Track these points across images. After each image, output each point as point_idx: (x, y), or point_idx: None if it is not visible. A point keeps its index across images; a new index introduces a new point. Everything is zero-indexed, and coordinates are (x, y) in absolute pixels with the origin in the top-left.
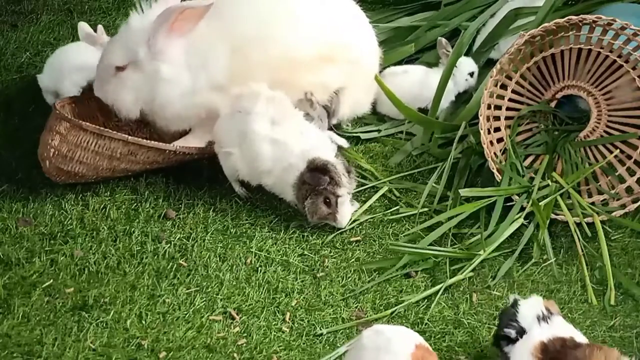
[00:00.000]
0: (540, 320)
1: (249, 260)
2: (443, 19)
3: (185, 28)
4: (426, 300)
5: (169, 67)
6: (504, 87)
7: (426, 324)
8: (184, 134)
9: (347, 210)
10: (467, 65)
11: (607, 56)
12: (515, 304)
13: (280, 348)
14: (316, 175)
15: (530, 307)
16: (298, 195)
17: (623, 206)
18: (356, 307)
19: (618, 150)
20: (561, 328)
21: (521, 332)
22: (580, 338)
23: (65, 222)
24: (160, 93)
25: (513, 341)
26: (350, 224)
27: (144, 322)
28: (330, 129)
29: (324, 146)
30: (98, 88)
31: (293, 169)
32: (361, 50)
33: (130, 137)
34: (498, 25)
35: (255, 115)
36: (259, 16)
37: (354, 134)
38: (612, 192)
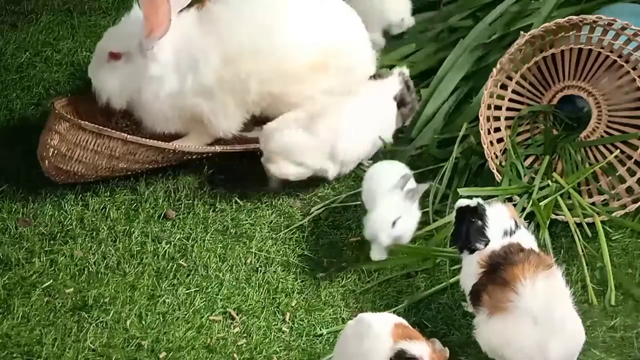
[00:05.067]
0: (505, 235)
1: (249, 261)
2: (443, 19)
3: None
4: (426, 300)
5: (157, 66)
6: (504, 87)
7: (426, 324)
8: (175, 136)
9: None
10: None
11: (607, 56)
12: (482, 213)
13: (280, 348)
14: None
15: (498, 220)
16: None
17: (623, 206)
18: (356, 307)
19: (618, 151)
20: (516, 238)
21: (488, 243)
22: (529, 244)
23: (65, 223)
24: (146, 90)
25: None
26: (350, 224)
27: (144, 322)
28: None
29: None
30: (91, 68)
31: None
32: (354, 56)
33: (129, 136)
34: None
35: None
36: (253, 27)
37: None
38: (613, 192)
